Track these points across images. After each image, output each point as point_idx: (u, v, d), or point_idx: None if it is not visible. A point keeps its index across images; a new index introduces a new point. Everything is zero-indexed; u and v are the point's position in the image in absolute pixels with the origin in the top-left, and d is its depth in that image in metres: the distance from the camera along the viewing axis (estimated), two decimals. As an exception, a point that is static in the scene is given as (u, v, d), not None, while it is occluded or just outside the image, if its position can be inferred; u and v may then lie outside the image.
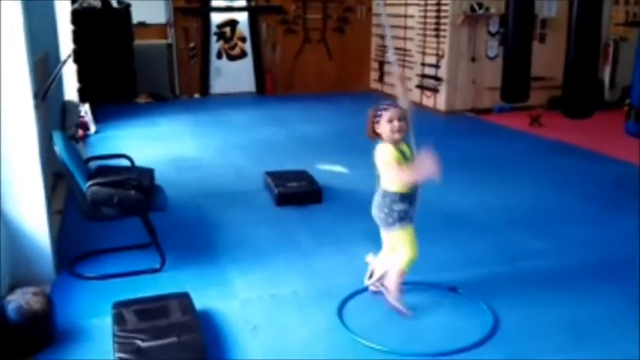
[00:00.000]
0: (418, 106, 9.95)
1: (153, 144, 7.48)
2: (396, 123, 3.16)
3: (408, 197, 3.24)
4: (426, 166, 3.05)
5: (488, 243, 4.43)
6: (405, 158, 3.20)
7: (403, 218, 3.25)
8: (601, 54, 8.70)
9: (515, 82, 7.86)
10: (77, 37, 7.00)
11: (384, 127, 3.18)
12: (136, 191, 3.88)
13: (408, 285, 3.60)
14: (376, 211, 3.33)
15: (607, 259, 4.16)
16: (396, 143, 3.20)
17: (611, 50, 9.59)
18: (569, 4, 7.01)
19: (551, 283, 3.80)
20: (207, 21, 10.90)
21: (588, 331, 3.26)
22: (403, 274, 3.37)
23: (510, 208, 5.18)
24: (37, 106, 3.67)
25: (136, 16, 9.43)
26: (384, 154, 3.19)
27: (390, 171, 3.18)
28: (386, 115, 3.18)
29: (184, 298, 3.29)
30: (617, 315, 3.40)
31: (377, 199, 3.32)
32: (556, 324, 3.31)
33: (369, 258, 3.68)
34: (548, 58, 8.99)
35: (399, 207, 3.23)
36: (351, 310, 3.45)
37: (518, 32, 7.67)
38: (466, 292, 3.62)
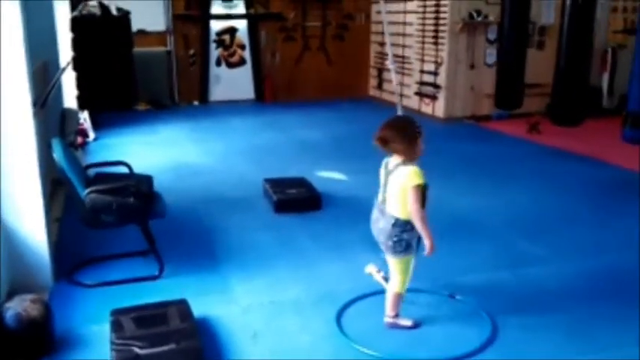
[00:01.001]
0: (417, 113, 9.97)
1: (152, 151, 7.48)
2: (422, 144, 3.07)
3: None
4: (429, 242, 3.06)
5: (487, 249, 4.43)
6: None
7: (410, 246, 3.12)
8: (596, 61, 8.73)
9: (509, 89, 7.87)
10: (76, 44, 7.00)
11: (418, 146, 3.04)
12: (135, 198, 3.88)
13: (407, 292, 3.60)
14: (382, 239, 3.16)
15: (607, 264, 4.15)
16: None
17: (609, 57, 9.62)
18: (562, 11, 7.03)
19: (551, 290, 3.79)
20: (206, 28, 10.93)
21: (588, 336, 3.26)
22: (400, 296, 3.30)
23: (510, 213, 5.19)
24: (36, 114, 3.67)
25: (136, 24, 9.41)
26: (417, 178, 2.99)
27: (415, 199, 3.00)
28: (422, 135, 3.05)
29: (183, 305, 3.28)
30: (617, 320, 3.40)
31: (384, 226, 3.12)
32: (556, 330, 3.31)
33: (370, 269, 3.62)
34: (546, 65, 9.00)
35: (408, 235, 3.09)
36: (350, 317, 3.44)
37: (513, 39, 7.70)
38: (465, 298, 3.62)
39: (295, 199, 5.25)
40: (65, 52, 7.51)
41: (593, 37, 6.87)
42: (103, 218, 3.83)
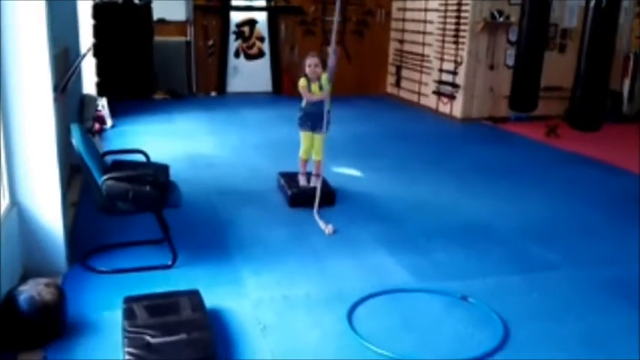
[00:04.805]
0: (434, 113, 9.93)
1: (169, 140, 7.50)
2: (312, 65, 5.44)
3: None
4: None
5: (501, 252, 4.40)
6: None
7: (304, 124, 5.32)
8: (618, 67, 8.62)
9: (524, 91, 7.79)
10: (98, 31, 7.04)
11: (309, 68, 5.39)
12: (151, 187, 3.89)
13: (419, 292, 3.60)
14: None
15: (621, 272, 4.10)
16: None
17: (630, 63, 9.50)
18: (584, 14, 6.94)
19: (564, 296, 3.76)
20: (226, 20, 10.94)
21: (600, 344, 3.22)
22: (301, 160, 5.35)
23: (525, 218, 5.14)
24: (56, 99, 3.69)
25: (157, 13, 9.50)
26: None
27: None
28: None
29: (195, 296, 3.29)
30: (630, 329, 3.36)
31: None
32: (567, 337, 3.28)
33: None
34: (567, 68, 8.91)
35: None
36: (361, 315, 3.43)
37: (531, 41, 7.61)
38: (478, 301, 3.60)
39: (310, 193, 5.24)
40: (86, 39, 7.56)
41: (614, 41, 6.78)
42: (118, 205, 3.85)
